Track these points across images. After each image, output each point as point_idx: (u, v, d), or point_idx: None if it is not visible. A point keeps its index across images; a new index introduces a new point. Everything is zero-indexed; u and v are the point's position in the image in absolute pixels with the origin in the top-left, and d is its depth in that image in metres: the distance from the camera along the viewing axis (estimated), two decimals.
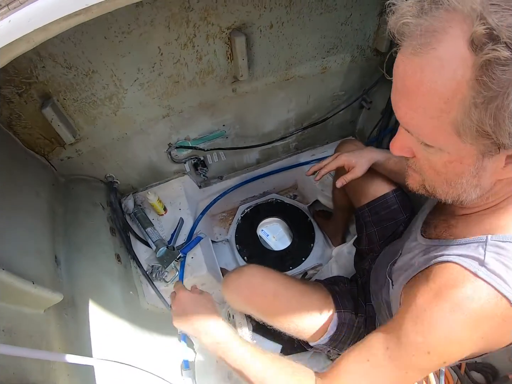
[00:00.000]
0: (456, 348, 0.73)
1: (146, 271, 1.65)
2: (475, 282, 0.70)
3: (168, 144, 1.77)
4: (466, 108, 0.57)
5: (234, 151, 1.96)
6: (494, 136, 0.58)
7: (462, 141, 0.62)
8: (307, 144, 2.21)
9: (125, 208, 1.83)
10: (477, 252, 0.73)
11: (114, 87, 1.40)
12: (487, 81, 0.53)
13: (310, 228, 2.18)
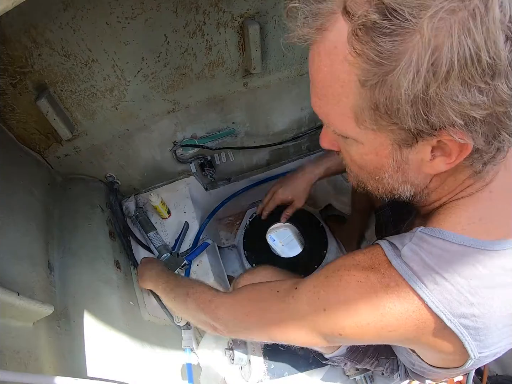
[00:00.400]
0: (352, 320, 0.71)
1: None
2: (387, 270, 0.68)
3: (173, 142, 1.67)
4: (358, 89, 0.55)
5: (243, 151, 1.88)
6: (395, 119, 0.55)
7: (364, 128, 0.60)
8: (319, 145, 2.06)
9: (126, 210, 1.74)
10: (402, 242, 0.70)
11: (116, 78, 1.31)
12: (370, 54, 0.50)
13: (323, 234, 2.08)
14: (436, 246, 0.66)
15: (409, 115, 0.53)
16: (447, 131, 0.54)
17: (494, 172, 0.69)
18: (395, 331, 0.68)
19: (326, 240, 2.05)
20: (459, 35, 0.46)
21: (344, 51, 0.53)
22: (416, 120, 0.53)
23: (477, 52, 0.46)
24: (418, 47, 0.48)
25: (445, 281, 0.63)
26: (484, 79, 0.48)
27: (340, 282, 0.73)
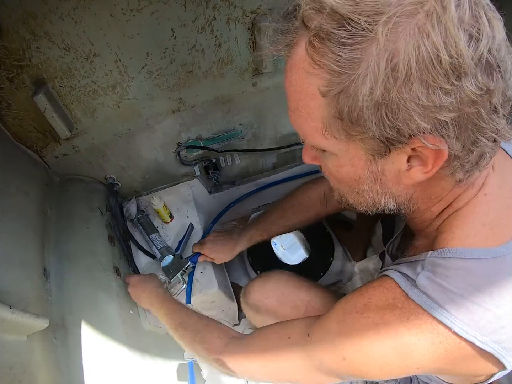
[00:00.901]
0: (375, 364, 0.68)
1: None
2: (405, 303, 0.65)
3: (177, 143, 1.61)
4: (323, 100, 0.56)
5: (249, 154, 1.82)
6: (361, 128, 0.55)
7: (335, 139, 0.60)
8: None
9: (126, 213, 1.67)
10: (415, 271, 0.68)
11: (118, 74, 1.24)
12: (330, 64, 0.52)
13: (329, 241, 2.01)
14: (451, 268, 0.64)
15: (373, 123, 0.53)
16: (418, 138, 0.54)
17: (483, 176, 0.68)
18: (423, 367, 0.65)
19: (333, 247, 1.99)
20: (416, 38, 0.47)
21: (306, 63, 0.55)
22: (382, 127, 0.53)
23: (436, 53, 0.47)
24: (374, 54, 0.49)
25: (468, 301, 0.60)
26: (449, 80, 0.48)
27: (355, 328, 0.70)
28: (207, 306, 1.57)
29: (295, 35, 0.57)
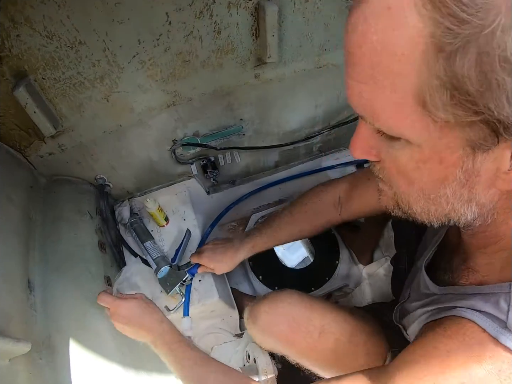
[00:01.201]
0: None
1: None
2: (496, 351, 0.53)
3: (173, 140, 1.50)
4: (429, 60, 0.39)
5: (250, 152, 1.71)
6: (483, 104, 0.38)
7: (433, 119, 0.43)
8: (331, 146, 1.98)
9: (118, 217, 1.57)
10: (499, 308, 0.55)
11: (107, 64, 1.14)
12: (452, 6, 0.35)
13: (334, 243, 1.92)
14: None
15: (504, 98, 0.37)
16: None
17: None
18: None
19: (338, 249, 1.90)
20: None
21: (405, 9, 0.38)
22: (508, 106, 0.38)
23: None
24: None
25: None
26: None
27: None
28: (206, 315, 1.49)
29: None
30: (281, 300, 1.11)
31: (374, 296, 1.62)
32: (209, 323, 1.56)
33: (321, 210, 1.23)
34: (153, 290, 1.40)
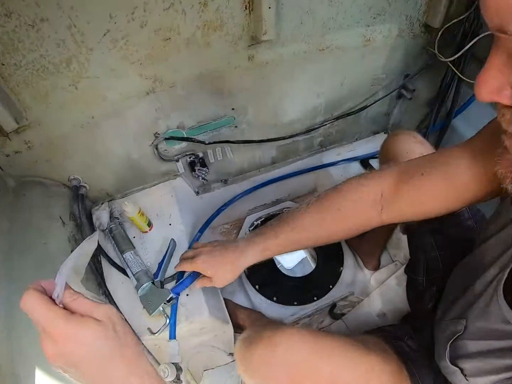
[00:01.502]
0: None
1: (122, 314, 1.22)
2: None
3: (155, 134, 1.35)
4: None
5: (244, 146, 1.56)
6: None
7: None
8: (333, 140, 1.86)
9: (97, 222, 1.41)
10: None
11: (74, 44, 0.99)
12: None
13: (337, 246, 1.80)
14: None
15: None
16: None
17: None
18: None
19: (342, 254, 1.77)
20: None
21: None
22: None
23: None
24: None
25: None
26: None
27: None
28: (196, 332, 1.33)
29: None
30: (279, 344, 0.89)
31: (384, 307, 1.49)
32: (200, 340, 1.40)
33: (360, 209, 0.97)
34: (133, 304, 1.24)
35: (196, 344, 1.39)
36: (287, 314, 1.61)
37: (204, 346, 1.40)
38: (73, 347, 0.52)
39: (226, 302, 1.49)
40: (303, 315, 1.60)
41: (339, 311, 1.62)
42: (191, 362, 1.40)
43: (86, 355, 0.53)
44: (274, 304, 1.62)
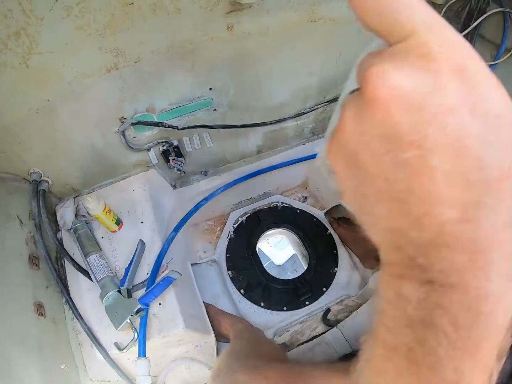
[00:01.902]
0: None
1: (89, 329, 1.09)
2: None
3: (120, 118, 1.18)
4: None
5: (224, 133, 1.41)
6: None
7: None
8: (326, 128, 1.65)
9: (61, 221, 1.26)
10: None
11: (21, 14, 0.83)
12: None
13: (331, 245, 1.70)
14: None
15: None
16: None
17: None
18: None
19: (336, 253, 1.67)
20: None
21: None
22: None
23: None
24: None
25: None
26: None
27: None
28: (173, 344, 1.20)
29: None
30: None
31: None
32: (178, 352, 1.26)
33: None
34: (101, 315, 1.10)
35: (173, 357, 1.26)
36: (276, 321, 1.49)
37: (183, 359, 1.27)
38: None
39: (208, 308, 1.39)
40: (293, 321, 1.49)
41: (334, 317, 1.50)
42: (169, 378, 1.27)
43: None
44: (262, 310, 1.51)
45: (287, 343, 1.41)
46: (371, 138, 0.29)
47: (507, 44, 1.20)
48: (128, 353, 1.06)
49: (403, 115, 0.27)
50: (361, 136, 0.29)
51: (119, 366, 1.10)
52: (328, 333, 1.35)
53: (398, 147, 0.27)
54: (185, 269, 1.37)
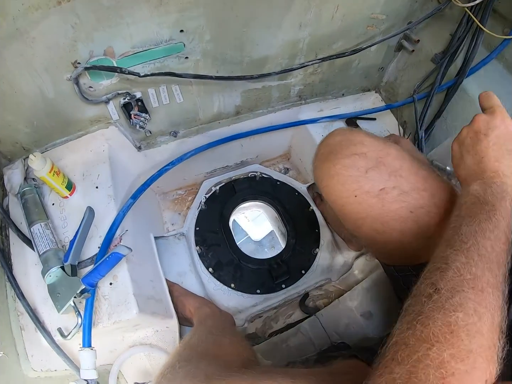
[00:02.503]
0: None
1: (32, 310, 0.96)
2: None
3: (73, 63, 1.00)
4: None
5: (198, 87, 1.25)
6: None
7: None
8: (315, 92, 1.58)
9: (7, 184, 1.13)
10: None
11: None
12: None
13: (313, 223, 1.57)
14: None
15: None
16: None
17: None
18: None
19: (318, 231, 1.55)
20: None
21: None
22: None
23: None
24: None
25: None
26: None
27: None
28: (129, 329, 1.08)
29: None
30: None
31: (370, 305, 1.26)
32: (136, 337, 1.13)
33: None
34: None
35: (130, 342, 1.13)
36: (248, 305, 1.37)
37: (141, 346, 1.14)
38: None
39: (172, 288, 1.27)
40: (267, 306, 1.37)
41: (312, 303, 1.40)
42: (125, 367, 1.14)
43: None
44: (232, 291, 1.38)
45: (258, 331, 1.30)
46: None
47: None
48: (77, 338, 0.92)
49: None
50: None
51: (66, 354, 0.97)
52: (305, 321, 1.25)
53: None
54: (146, 243, 1.24)
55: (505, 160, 0.75)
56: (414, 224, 0.86)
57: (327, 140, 0.98)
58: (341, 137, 0.95)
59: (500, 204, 0.68)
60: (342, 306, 1.26)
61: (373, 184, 0.87)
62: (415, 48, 1.50)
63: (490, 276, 0.57)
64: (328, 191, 0.95)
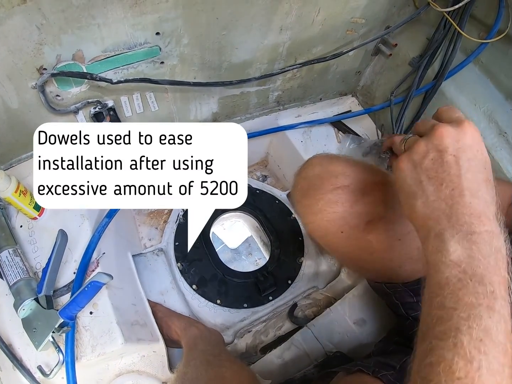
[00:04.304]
0: None
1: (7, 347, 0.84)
2: None
3: (39, 69, 0.88)
4: None
5: (174, 94, 1.15)
6: None
7: None
8: (293, 98, 1.52)
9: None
10: None
11: None
12: None
13: (297, 232, 1.50)
14: None
15: None
16: None
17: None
18: None
19: (302, 239, 1.48)
20: None
21: None
22: None
23: None
24: None
25: None
26: None
27: None
28: (114, 357, 0.96)
29: None
30: None
31: (362, 312, 1.18)
32: (122, 365, 1.01)
33: None
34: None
35: (116, 371, 1.01)
36: (236, 320, 1.27)
37: (128, 374, 1.02)
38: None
39: (154, 309, 1.15)
40: (256, 320, 1.27)
41: (302, 313, 1.30)
42: None
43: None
44: (218, 307, 1.28)
45: (249, 347, 1.20)
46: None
47: (500, 26, 1.06)
48: (60, 372, 0.80)
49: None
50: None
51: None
52: (297, 333, 1.15)
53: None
54: (125, 263, 1.12)
55: (483, 195, 0.53)
56: (402, 250, 0.83)
57: (306, 172, 0.95)
58: (320, 168, 0.93)
59: (498, 280, 0.47)
60: (334, 315, 1.17)
61: (360, 219, 0.85)
62: (392, 52, 1.45)
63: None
64: (312, 227, 0.93)
